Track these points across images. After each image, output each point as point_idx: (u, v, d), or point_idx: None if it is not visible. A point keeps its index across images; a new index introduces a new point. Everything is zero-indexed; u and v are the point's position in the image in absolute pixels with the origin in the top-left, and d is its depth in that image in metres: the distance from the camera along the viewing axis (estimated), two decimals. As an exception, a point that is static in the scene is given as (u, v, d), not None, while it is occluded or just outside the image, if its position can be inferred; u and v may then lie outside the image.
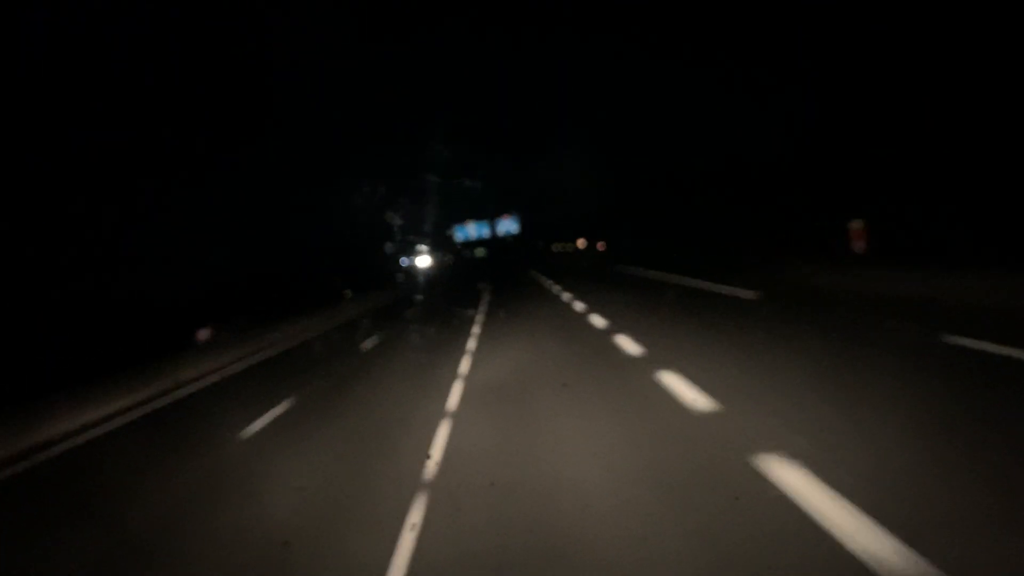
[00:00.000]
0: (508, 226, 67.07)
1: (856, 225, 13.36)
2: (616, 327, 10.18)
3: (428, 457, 4.91)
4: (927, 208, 13.11)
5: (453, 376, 8.09)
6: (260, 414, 7.74)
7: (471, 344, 10.89)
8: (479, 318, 15.18)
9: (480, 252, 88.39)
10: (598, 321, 11.47)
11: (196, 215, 25.97)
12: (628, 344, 8.50)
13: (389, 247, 53.23)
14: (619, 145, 47.08)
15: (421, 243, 61.30)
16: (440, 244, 75.11)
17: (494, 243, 73.63)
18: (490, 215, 67.76)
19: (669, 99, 32.58)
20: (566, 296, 17.75)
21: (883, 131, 16.37)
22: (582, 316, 12.80)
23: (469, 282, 32.33)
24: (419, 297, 29.03)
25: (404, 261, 67.97)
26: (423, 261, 63.01)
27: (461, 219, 65.84)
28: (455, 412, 6.32)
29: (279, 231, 35.39)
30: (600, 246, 53.08)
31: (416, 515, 3.84)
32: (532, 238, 72.84)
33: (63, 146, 20.35)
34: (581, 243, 60.64)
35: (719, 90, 26.19)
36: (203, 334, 16.73)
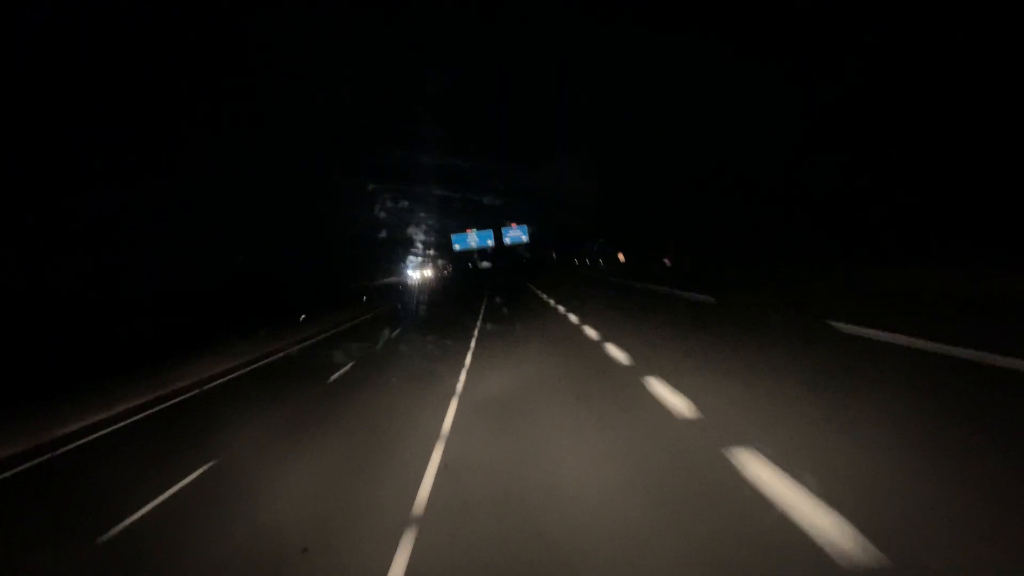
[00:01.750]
0: (516, 235, 60.62)
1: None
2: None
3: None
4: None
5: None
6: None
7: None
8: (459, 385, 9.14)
9: (484, 265, 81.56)
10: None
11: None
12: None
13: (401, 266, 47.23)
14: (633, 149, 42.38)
15: (412, 256, 55.01)
16: (436, 256, 68.86)
17: (500, 254, 67.09)
18: (495, 223, 61.43)
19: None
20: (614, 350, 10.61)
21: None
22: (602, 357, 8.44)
23: (464, 304, 26.17)
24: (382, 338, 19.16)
25: (410, 272, 61.84)
26: (414, 274, 56.54)
27: (462, 228, 59.43)
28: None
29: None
30: (621, 257, 46.00)
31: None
32: (545, 249, 66.26)
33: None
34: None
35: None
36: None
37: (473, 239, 60.56)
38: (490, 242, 60.70)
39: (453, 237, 60.28)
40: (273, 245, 37.60)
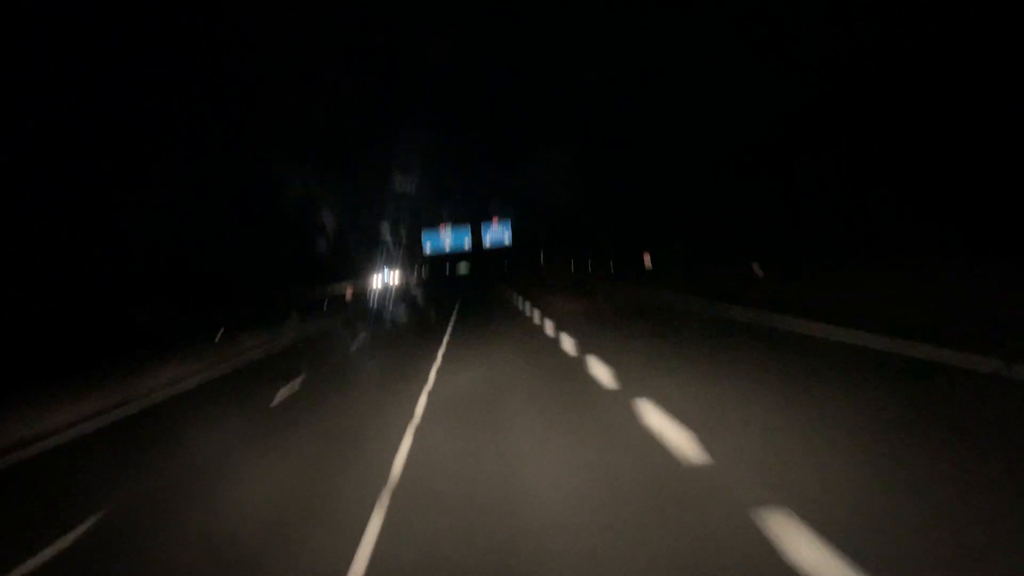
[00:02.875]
0: (498, 236, 51.39)
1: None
2: None
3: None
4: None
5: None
6: None
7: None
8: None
9: (462, 269, 72.01)
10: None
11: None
12: None
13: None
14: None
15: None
16: (403, 259, 59.53)
17: (479, 256, 57.83)
18: (474, 218, 52.28)
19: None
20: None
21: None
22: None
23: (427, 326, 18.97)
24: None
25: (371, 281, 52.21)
26: (373, 283, 47.07)
27: (434, 223, 50.13)
28: None
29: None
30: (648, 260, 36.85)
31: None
32: (529, 250, 57.16)
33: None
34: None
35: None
36: None
37: (447, 238, 51.28)
38: (467, 239, 51.45)
39: (424, 234, 51.00)
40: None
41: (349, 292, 31.69)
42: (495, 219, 54.09)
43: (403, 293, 43.86)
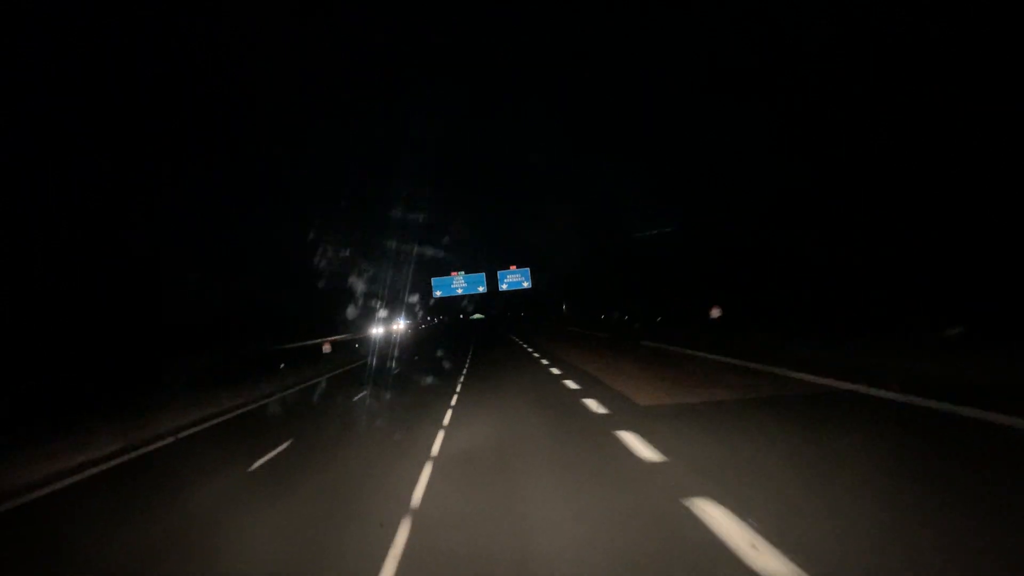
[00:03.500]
0: (516, 281, 46.86)
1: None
2: None
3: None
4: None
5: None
6: None
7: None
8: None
9: (476, 316, 67.37)
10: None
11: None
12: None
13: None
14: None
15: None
16: (417, 306, 55.11)
17: (494, 304, 52.98)
18: (490, 267, 47.89)
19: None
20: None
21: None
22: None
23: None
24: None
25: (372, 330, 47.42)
26: (376, 330, 42.70)
27: (445, 272, 45.86)
28: None
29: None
30: (716, 312, 31.89)
31: None
32: (551, 299, 52.53)
33: None
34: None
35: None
36: None
37: (460, 285, 46.74)
38: (482, 288, 46.88)
39: (434, 282, 46.55)
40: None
41: (327, 346, 26.98)
42: (513, 267, 49.83)
43: (401, 345, 39.05)
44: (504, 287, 47.36)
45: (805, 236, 20.41)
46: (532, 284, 48.27)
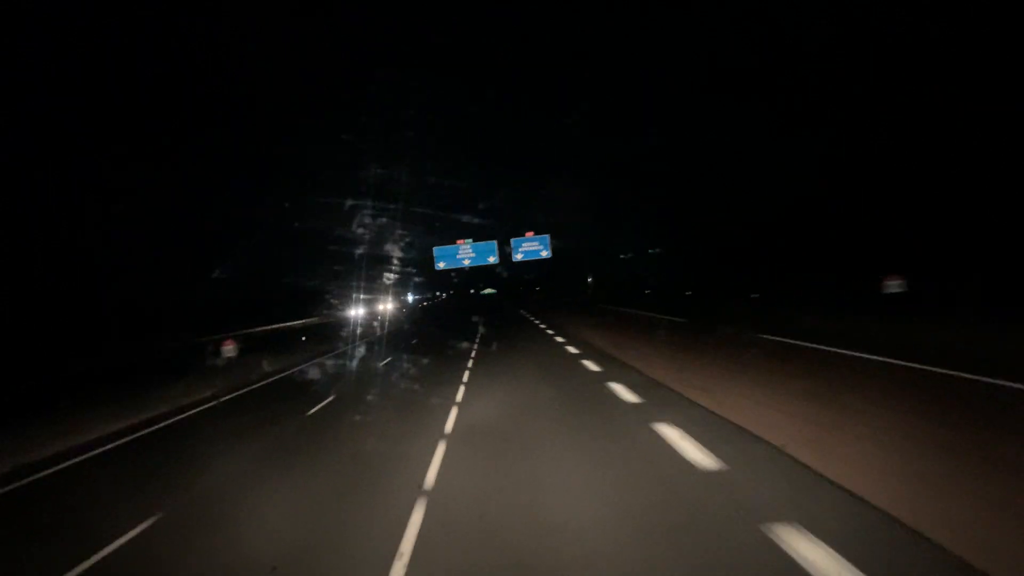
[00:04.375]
0: (533, 249, 39.62)
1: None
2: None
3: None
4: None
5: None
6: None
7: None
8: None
9: (487, 291, 60.61)
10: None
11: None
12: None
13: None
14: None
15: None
16: (416, 277, 48.19)
17: (506, 276, 45.85)
18: (502, 233, 40.62)
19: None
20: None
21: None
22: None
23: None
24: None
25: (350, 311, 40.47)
26: (355, 311, 36.26)
27: (449, 240, 38.64)
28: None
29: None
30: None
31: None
32: (573, 271, 45.59)
33: None
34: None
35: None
36: None
37: (467, 255, 39.43)
38: (493, 259, 39.58)
39: (436, 252, 39.30)
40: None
41: (229, 346, 19.44)
42: (530, 234, 42.24)
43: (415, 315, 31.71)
44: (519, 256, 39.99)
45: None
46: (553, 253, 40.84)
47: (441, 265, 39.47)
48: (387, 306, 40.44)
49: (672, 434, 6.31)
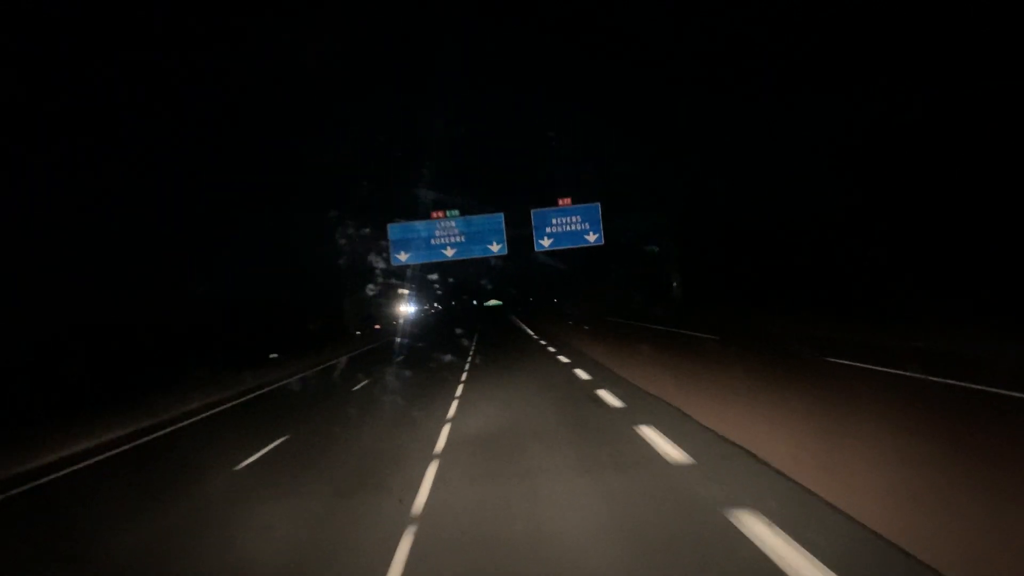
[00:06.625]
0: (577, 230, 21.36)
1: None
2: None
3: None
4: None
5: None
6: None
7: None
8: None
9: (492, 303, 43.28)
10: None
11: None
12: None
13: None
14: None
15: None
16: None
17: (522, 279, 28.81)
18: (518, 201, 22.57)
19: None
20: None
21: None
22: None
23: None
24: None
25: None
26: None
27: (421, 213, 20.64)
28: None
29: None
30: None
31: None
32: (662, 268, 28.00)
33: None
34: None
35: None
36: None
37: (450, 238, 21.71)
38: (498, 246, 21.75)
39: (391, 232, 21.59)
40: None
41: None
42: (566, 202, 24.22)
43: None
44: (546, 243, 22.11)
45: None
46: (604, 237, 22.84)
47: (402, 257, 21.46)
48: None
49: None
